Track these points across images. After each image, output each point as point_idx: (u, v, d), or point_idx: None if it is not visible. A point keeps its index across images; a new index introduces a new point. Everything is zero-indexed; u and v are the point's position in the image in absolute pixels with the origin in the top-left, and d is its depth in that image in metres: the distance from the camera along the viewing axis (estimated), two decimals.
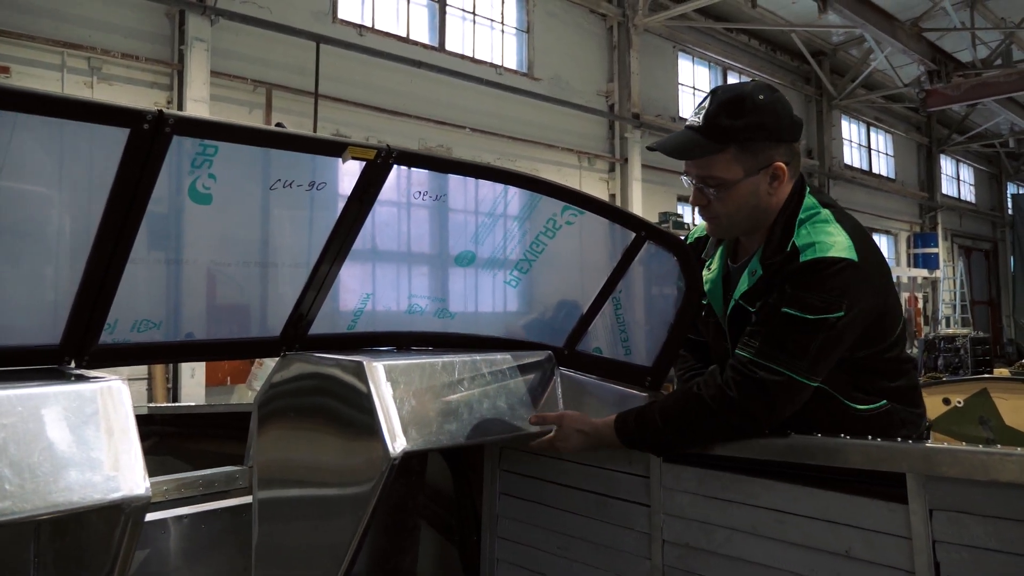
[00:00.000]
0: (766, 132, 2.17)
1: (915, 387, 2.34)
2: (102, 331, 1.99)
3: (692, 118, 2.22)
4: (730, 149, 2.16)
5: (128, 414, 1.68)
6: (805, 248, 2.10)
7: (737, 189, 2.19)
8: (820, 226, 2.14)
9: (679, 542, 2.29)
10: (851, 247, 2.08)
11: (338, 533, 2.15)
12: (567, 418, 2.37)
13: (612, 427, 2.28)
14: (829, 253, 2.06)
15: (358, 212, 2.16)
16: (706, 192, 2.23)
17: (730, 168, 2.18)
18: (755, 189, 2.20)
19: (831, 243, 2.08)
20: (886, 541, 1.89)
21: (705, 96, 2.23)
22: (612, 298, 2.57)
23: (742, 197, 2.20)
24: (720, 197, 2.21)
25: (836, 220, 2.16)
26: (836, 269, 2.05)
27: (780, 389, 2.06)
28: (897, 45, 13.43)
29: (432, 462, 3.04)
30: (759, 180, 2.19)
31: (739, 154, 2.17)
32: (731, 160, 2.17)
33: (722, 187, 2.19)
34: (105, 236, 1.82)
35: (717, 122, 2.15)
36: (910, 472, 1.85)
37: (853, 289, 2.05)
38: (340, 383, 2.20)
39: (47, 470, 1.54)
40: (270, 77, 9.73)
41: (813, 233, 2.12)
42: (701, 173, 2.21)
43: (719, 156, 2.17)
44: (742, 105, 2.15)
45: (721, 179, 2.19)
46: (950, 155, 24.93)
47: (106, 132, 1.69)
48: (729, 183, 2.18)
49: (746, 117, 2.14)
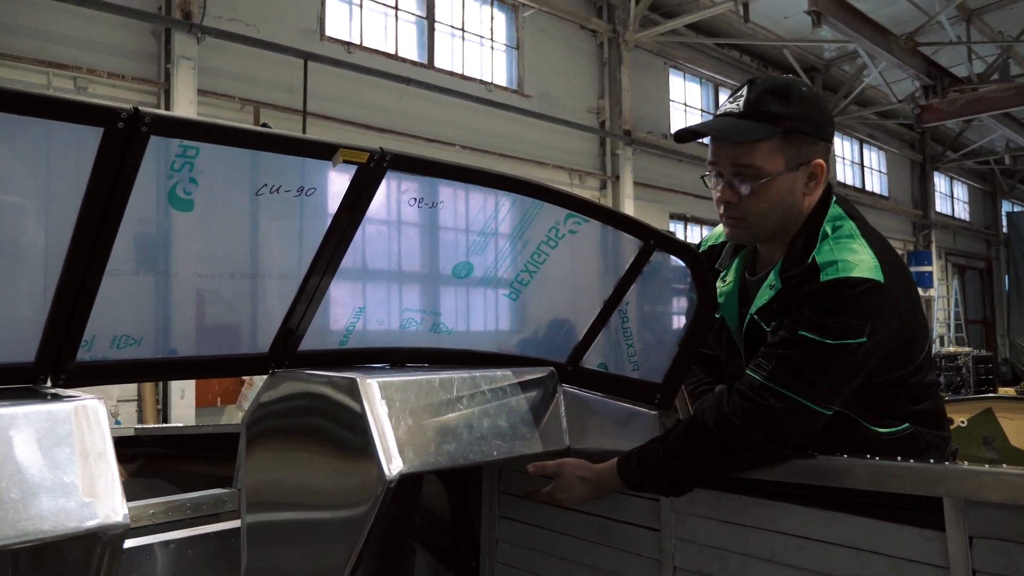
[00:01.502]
0: (810, 125, 2.03)
1: (940, 410, 2.18)
2: (79, 348, 1.88)
3: (729, 106, 2.07)
4: (775, 138, 2.00)
5: (105, 435, 1.58)
6: (826, 266, 1.95)
7: (775, 184, 2.03)
8: (844, 242, 2.00)
9: (691, 569, 2.17)
10: (876, 267, 1.93)
11: (331, 559, 2.05)
12: (568, 466, 2.22)
13: (615, 471, 2.14)
14: (853, 273, 1.91)
15: (350, 220, 2.04)
16: (737, 187, 2.05)
17: (771, 159, 2.01)
18: (792, 187, 2.05)
19: (855, 262, 1.93)
20: (920, 571, 1.77)
21: (740, 86, 2.08)
22: (618, 311, 2.46)
23: (778, 194, 2.04)
24: (754, 192, 2.03)
25: (862, 235, 2.02)
26: (860, 291, 1.90)
27: (791, 417, 1.92)
28: (892, 60, 13.41)
29: (427, 483, 2.94)
30: (797, 177, 2.05)
31: (783, 144, 2.01)
32: (774, 150, 2.01)
33: (759, 179, 2.02)
34: (79, 245, 1.70)
35: (763, 107, 2.01)
36: (948, 496, 1.72)
37: (877, 313, 1.90)
38: (332, 401, 2.10)
39: (16, 496, 1.44)
40: (258, 95, 9.68)
41: (836, 250, 1.98)
42: (739, 162, 2.03)
43: (762, 144, 2.00)
44: (788, 92, 2.02)
45: (760, 170, 2.02)
46: (944, 172, 25.01)
47: (81, 134, 1.58)
48: (768, 175, 2.02)
49: (793, 105, 2.01)
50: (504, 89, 12.74)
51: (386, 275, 2.41)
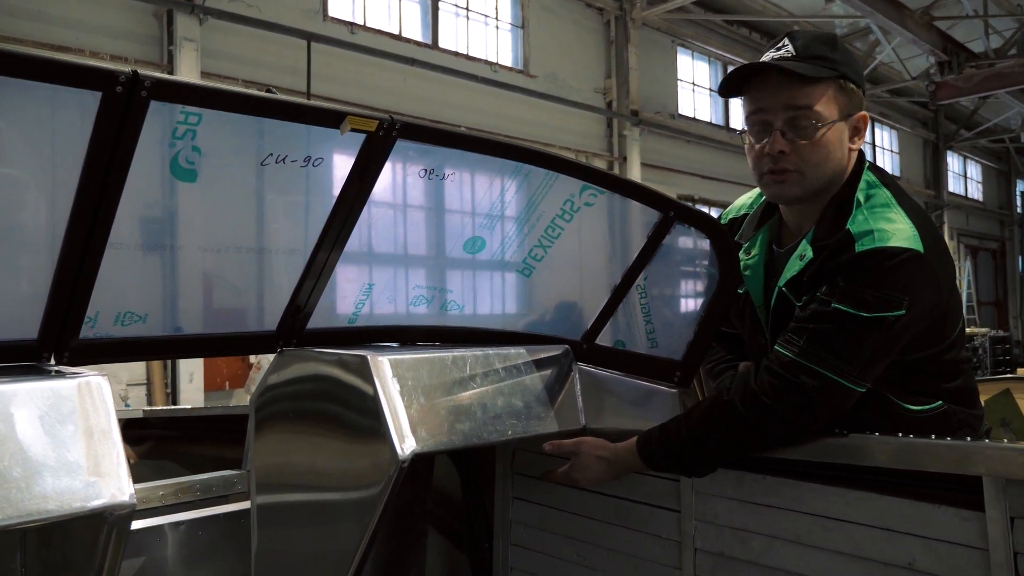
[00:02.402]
0: (857, 74, 2.00)
1: (972, 387, 2.10)
2: (82, 324, 1.84)
3: (774, 53, 1.99)
4: (832, 82, 1.95)
5: (109, 413, 1.55)
6: (862, 236, 1.86)
7: (831, 132, 1.96)
8: (879, 211, 1.91)
9: (712, 551, 2.11)
10: (915, 236, 1.84)
11: (343, 540, 2.02)
12: (585, 444, 2.16)
13: (635, 450, 2.06)
14: (890, 243, 1.83)
15: (359, 192, 1.98)
16: (789, 136, 1.96)
17: (829, 105, 1.95)
18: (841, 138, 1.98)
19: (892, 231, 1.84)
20: (957, 552, 1.70)
21: (780, 38, 2.02)
22: (636, 286, 2.39)
23: (832, 144, 1.97)
24: (811, 139, 1.95)
25: (898, 203, 1.94)
26: (898, 261, 1.81)
27: (824, 395, 1.83)
28: (906, 35, 13.21)
29: (439, 464, 2.90)
30: (844, 128, 1.98)
31: (837, 92, 1.96)
32: (832, 96, 1.95)
33: (817, 126, 1.94)
34: (80, 217, 1.65)
35: (817, 52, 1.95)
36: (988, 475, 1.65)
37: (916, 284, 1.82)
38: (342, 380, 2.06)
39: (19, 475, 1.41)
40: (261, 77, 9.61)
41: (871, 219, 1.89)
42: (797, 104, 1.94)
43: (820, 87, 1.94)
44: (835, 42, 1.99)
45: (819, 114, 1.94)
46: (957, 151, 24.81)
47: (79, 102, 1.53)
48: (825, 122, 1.94)
49: (840, 52, 1.97)
50: (510, 69, 12.66)
51: (395, 252, 2.36)
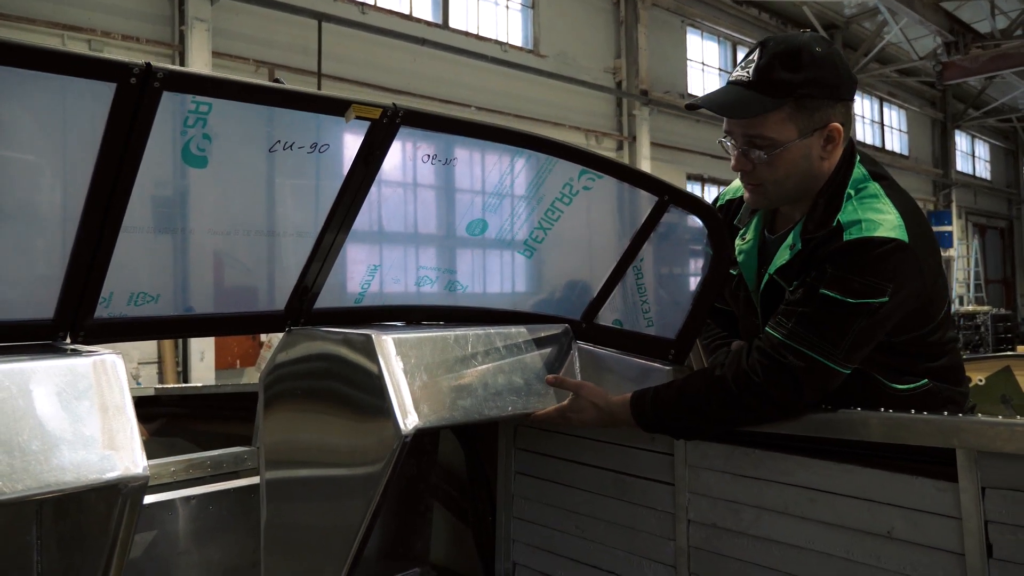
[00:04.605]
0: (824, 88, 1.98)
1: (958, 365, 2.18)
2: (97, 304, 1.89)
3: (739, 72, 2.02)
4: (785, 106, 1.96)
5: (123, 389, 1.61)
6: (850, 226, 1.93)
7: (789, 151, 1.99)
8: (868, 201, 1.97)
9: (705, 522, 2.18)
10: (901, 226, 1.91)
11: (348, 514, 2.07)
12: (585, 389, 2.24)
13: (628, 407, 2.15)
14: (877, 232, 1.89)
15: (364, 176, 2.04)
16: (751, 156, 2.03)
17: (783, 128, 1.98)
18: (807, 152, 2.01)
19: (879, 221, 1.91)
20: (932, 521, 1.77)
21: (752, 48, 2.03)
22: (633, 267, 2.45)
23: (793, 161, 2.01)
24: (768, 161, 2.01)
25: (886, 195, 1.99)
26: (884, 251, 1.88)
27: (810, 376, 1.91)
28: (913, 16, 13.18)
29: (444, 441, 2.97)
30: (812, 142, 2.01)
31: (794, 112, 1.97)
32: (785, 119, 1.97)
33: (772, 149, 1.99)
34: (95, 202, 1.71)
35: (771, 75, 1.96)
36: (961, 448, 1.72)
37: (900, 273, 1.88)
38: (348, 359, 2.11)
39: (37, 448, 1.47)
40: (272, 57, 9.66)
41: (860, 209, 1.95)
42: (749, 132, 2.01)
43: (772, 115, 1.97)
44: (799, 57, 1.96)
45: (772, 140, 1.99)
46: (965, 131, 24.68)
47: (94, 91, 1.58)
48: (780, 144, 1.99)
49: (804, 71, 1.95)
50: (519, 49, 12.65)
51: (400, 233, 2.41)
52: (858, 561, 1.88)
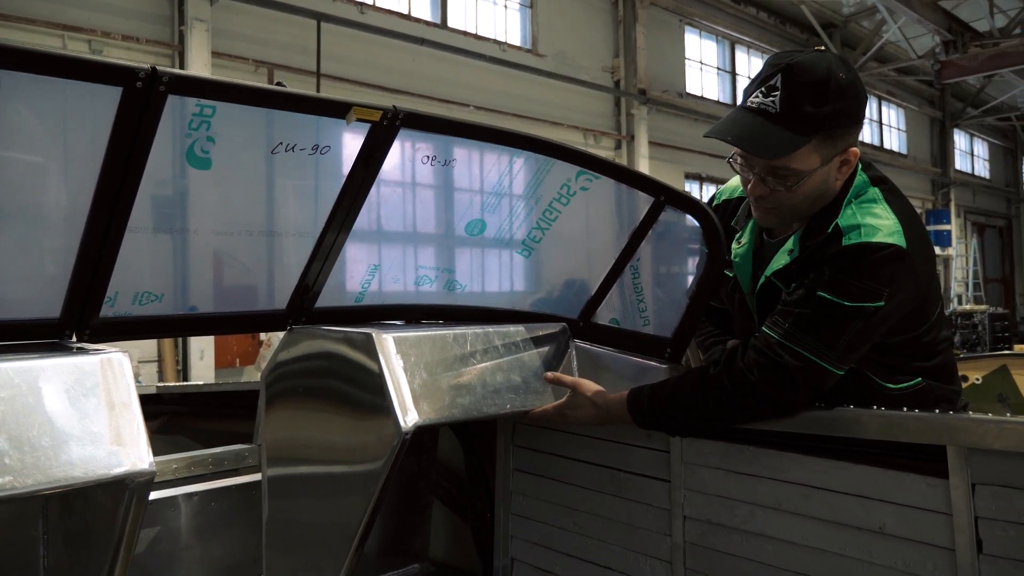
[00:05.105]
0: (849, 118, 1.96)
1: (951, 363, 2.21)
2: (102, 304, 1.92)
3: (760, 99, 1.96)
4: (814, 140, 1.93)
5: (130, 386, 1.63)
6: (849, 230, 1.95)
7: (810, 180, 1.98)
8: (867, 206, 1.99)
9: (701, 518, 2.22)
10: (899, 232, 1.93)
11: (349, 510, 2.10)
12: (582, 386, 2.27)
13: (624, 404, 2.18)
14: (875, 238, 1.91)
15: (364, 177, 2.07)
16: (769, 183, 2.00)
17: (808, 159, 1.95)
18: (826, 177, 2.00)
19: (878, 226, 1.93)
20: (924, 517, 1.81)
21: (771, 71, 1.95)
22: (629, 267, 2.49)
23: (813, 187, 2.00)
24: (789, 188, 1.99)
25: (885, 200, 2.01)
26: (881, 256, 1.90)
27: (805, 375, 1.94)
28: (911, 15, 13.21)
29: (443, 438, 2.99)
30: (831, 167, 2.00)
31: (820, 144, 1.94)
32: (811, 151, 1.95)
33: (796, 181, 1.97)
34: (101, 204, 1.74)
35: (800, 109, 1.91)
36: (951, 444, 1.76)
37: (897, 278, 1.91)
38: (349, 357, 2.14)
39: (47, 444, 1.49)
40: (272, 57, 9.67)
41: (859, 214, 1.97)
42: (773, 164, 1.97)
43: (802, 148, 1.93)
44: (826, 89, 1.90)
45: (797, 171, 1.96)
46: (964, 129, 24.67)
47: (100, 94, 1.62)
48: (804, 175, 1.97)
49: (831, 103, 1.91)
50: (518, 49, 12.66)
51: (400, 234, 2.44)
52: (851, 556, 1.92)
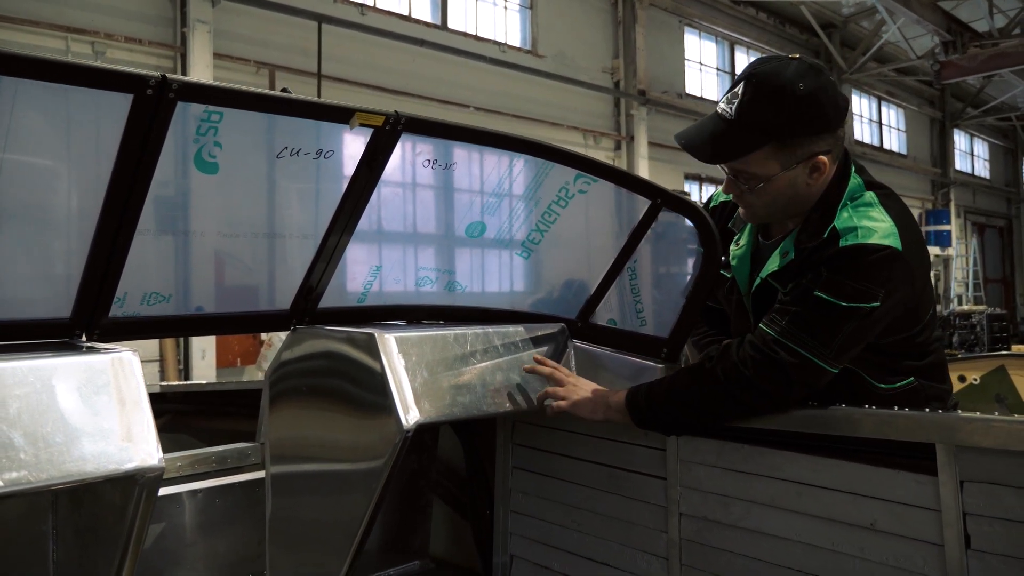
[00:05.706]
0: (807, 126, 2.02)
1: (942, 363, 2.26)
2: (112, 304, 1.97)
3: (724, 105, 2.06)
4: (767, 145, 2.02)
5: (139, 385, 1.68)
6: (846, 232, 1.99)
7: (773, 184, 2.06)
8: (863, 210, 2.04)
9: (696, 515, 2.25)
10: (895, 234, 1.98)
11: (351, 508, 2.14)
12: (583, 380, 2.33)
13: (624, 406, 2.20)
14: (871, 240, 1.96)
15: (367, 181, 2.12)
16: (737, 185, 2.11)
17: (765, 164, 2.04)
18: (792, 181, 2.07)
19: (874, 228, 1.98)
20: (913, 514, 1.85)
21: (739, 78, 2.05)
22: (627, 268, 2.53)
23: (779, 190, 2.07)
24: (754, 191, 2.09)
25: (881, 204, 2.06)
26: (877, 257, 1.95)
27: (800, 371, 1.98)
28: (911, 15, 13.22)
29: (444, 437, 3.03)
30: (797, 173, 2.06)
31: (775, 150, 2.02)
32: (766, 157, 2.03)
33: (755, 184, 2.07)
34: (111, 207, 1.79)
35: (752, 116, 2.00)
36: (940, 443, 1.80)
37: (892, 279, 1.95)
38: (351, 356, 2.18)
39: (60, 440, 1.53)
40: (273, 58, 9.70)
41: (856, 216, 2.02)
42: (733, 167, 2.09)
43: (753, 153, 2.03)
44: (781, 97, 1.97)
45: (755, 175, 2.06)
46: (964, 129, 24.66)
47: (110, 100, 1.66)
48: (763, 179, 2.06)
49: (785, 111, 1.98)
50: (518, 50, 12.68)
51: (401, 235, 2.48)
52: (843, 552, 1.96)
